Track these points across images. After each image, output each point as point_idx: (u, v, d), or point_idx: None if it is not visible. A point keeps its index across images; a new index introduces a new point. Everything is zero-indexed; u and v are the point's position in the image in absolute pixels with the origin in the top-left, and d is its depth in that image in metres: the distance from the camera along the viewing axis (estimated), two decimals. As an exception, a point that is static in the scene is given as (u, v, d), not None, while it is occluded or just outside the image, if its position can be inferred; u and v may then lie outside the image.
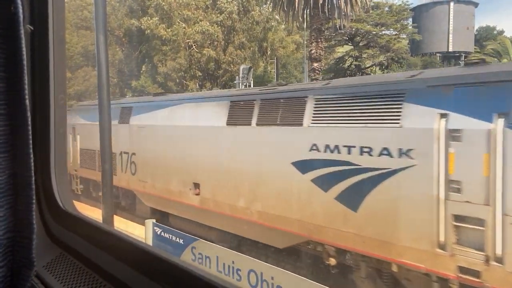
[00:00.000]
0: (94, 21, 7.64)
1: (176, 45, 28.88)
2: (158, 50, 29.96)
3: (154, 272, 1.14)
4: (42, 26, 1.47)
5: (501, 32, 54.05)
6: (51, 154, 1.56)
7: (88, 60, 32.51)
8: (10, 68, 1.04)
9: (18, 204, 1.10)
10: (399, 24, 37.25)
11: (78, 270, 1.39)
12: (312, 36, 24.47)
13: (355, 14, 26.21)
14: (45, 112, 1.52)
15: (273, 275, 5.65)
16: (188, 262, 1.11)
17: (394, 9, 36.73)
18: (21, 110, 1.05)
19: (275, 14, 29.29)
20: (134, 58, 33.33)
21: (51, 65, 1.50)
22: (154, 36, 29.24)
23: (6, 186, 1.08)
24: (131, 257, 1.24)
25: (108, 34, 14.68)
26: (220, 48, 29.97)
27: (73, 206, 1.65)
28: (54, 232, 1.60)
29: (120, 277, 1.23)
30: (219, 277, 1.01)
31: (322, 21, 24.09)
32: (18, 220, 1.11)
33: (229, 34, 30.47)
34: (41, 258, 1.46)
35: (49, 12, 1.47)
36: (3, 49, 1.02)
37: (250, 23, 30.75)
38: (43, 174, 1.56)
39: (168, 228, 8.30)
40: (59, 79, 1.55)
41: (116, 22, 32.42)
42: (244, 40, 30.35)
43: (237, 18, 29.89)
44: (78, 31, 33.39)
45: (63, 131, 1.61)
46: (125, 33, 32.90)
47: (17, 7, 0.98)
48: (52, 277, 1.39)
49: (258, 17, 30.87)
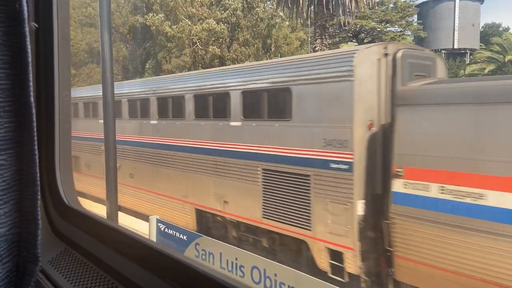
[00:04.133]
0: (98, 18, 7.66)
1: (181, 43, 28.90)
2: (163, 47, 30.00)
3: (158, 267, 1.15)
4: (47, 24, 1.48)
5: (507, 29, 53.62)
6: (56, 150, 1.57)
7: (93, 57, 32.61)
8: (15, 65, 1.04)
9: (23, 200, 1.11)
10: (404, 21, 37.07)
11: (82, 265, 1.40)
12: (316, 33, 24.39)
13: (360, 10, 26.09)
14: (50, 108, 1.53)
15: (276, 272, 5.66)
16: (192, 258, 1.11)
17: (399, 5, 36.55)
18: (26, 107, 1.05)
19: (279, 11, 29.21)
20: (138, 55, 33.39)
21: (55, 62, 1.51)
22: (159, 33, 29.28)
23: (11, 182, 1.09)
24: (135, 252, 1.25)
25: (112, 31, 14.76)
26: (225, 45, 29.98)
27: (77, 202, 1.66)
28: (59, 228, 1.61)
29: (124, 272, 1.24)
30: (223, 273, 1.01)
31: (327, 18, 24.00)
32: (23, 216, 1.12)
33: (234, 31, 30.45)
34: (46, 254, 1.47)
35: (54, 10, 1.48)
36: (8, 46, 1.03)
37: (254, 20, 30.71)
38: (48, 170, 1.57)
39: (171, 225, 8.33)
40: (64, 76, 1.55)
41: (120, 19, 32.49)
42: (248, 37, 30.32)
43: (241, 15, 29.86)
44: (82, 28, 33.49)
45: (68, 128, 1.62)
46: (129, 30, 32.96)
47: (22, 5, 0.99)
48: (57, 272, 1.40)
49: (263, 14, 30.81)
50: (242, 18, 30.09)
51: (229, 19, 29.59)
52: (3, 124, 1.04)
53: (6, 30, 1.02)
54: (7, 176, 1.07)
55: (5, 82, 1.04)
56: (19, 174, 1.10)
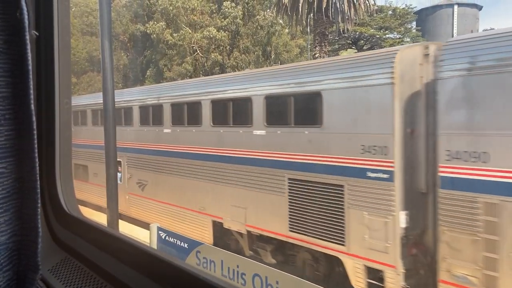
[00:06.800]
0: (99, 27, 7.70)
1: (182, 50, 29.05)
2: (163, 55, 30.15)
3: (159, 275, 1.14)
4: (48, 32, 1.49)
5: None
6: (56, 158, 1.57)
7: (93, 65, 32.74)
8: (16, 73, 1.05)
9: (23, 208, 1.11)
10: (403, 27, 37.24)
11: (83, 273, 1.39)
12: (316, 40, 24.50)
13: (359, 18, 26.22)
14: (50, 116, 1.54)
15: (278, 280, 5.63)
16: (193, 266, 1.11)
17: (398, 12, 36.73)
18: (27, 114, 1.05)
19: (279, 19, 29.38)
20: (139, 63, 33.55)
21: (56, 70, 1.52)
22: (160, 41, 29.43)
23: (11, 190, 1.08)
24: (136, 260, 1.24)
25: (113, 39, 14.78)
26: (225, 53, 30.12)
27: (78, 210, 1.65)
28: (59, 236, 1.60)
29: (125, 280, 1.23)
30: (225, 280, 1.01)
31: (326, 25, 24.13)
32: (23, 224, 1.11)
33: (234, 38, 30.61)
34: (46, 262, 1.46)
35: (54, 18, 1.49)
36: (9, 54, 1.03)
37: (254, 28, 30.88)
38: (48, 178, 1.57)
39: (172, 232, 8.30)
40: (64, 84, 1.56)
41: (121, 27, 32.70)
42: (248, 45, 30.47)
43: (241, 22, 30.04)
44: (84, 37, 33.69)
45: (68, 135, 1.62)
46: (130, 38, 33.14)
47: (22, 13, 1.00)
48: (57, 280, 1.39)
49: (263, 22, 30.99)
50: (242, 26, 30.27)
51: (229, 26, 29.75)
52: (4, 132, 1.04)
53: (6, 39, 1.02)
54: (7, 184, 1.07)
55: (6, 90, 1.04)
56: (20, 182, 1.10)
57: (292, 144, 8.96)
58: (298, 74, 9.04)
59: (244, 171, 10.08)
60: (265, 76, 10.04)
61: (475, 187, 6.34)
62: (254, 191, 9.81)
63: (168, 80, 29.27)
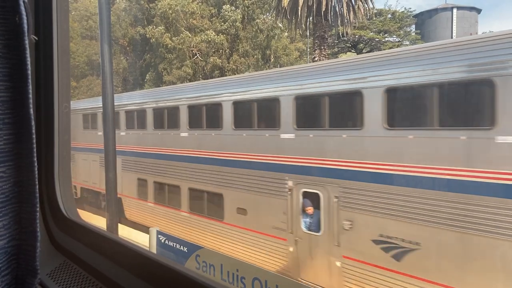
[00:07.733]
0: (99, 31, 7.72)
1: (182, 54, 29.10)
2: (163, 59, 30.20)
3: (158, 279, 1.14)
4: (47, 36, 1.49)
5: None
6: (55, 162, 1.57)
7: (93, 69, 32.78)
8: (15, 78, 1.05)
9: (22, 212, 1.11)
10: (402, 31, 37.34)
11: (81, 278, 1.39)
12: (315, 44, 24.55)
13: (358, 21, 26.29)
14: (50, 120, 1.54)
15: (278, 283, 5.61)
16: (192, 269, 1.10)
17: (397, 16, 36.84)
18: (26, 119, 1.06)
19: (279, 22, 29.44)
20: (138, 66, 33.59)
21: (55, 74, 1.52)
22: (159, 45, 29.48)
23: (10, 194, 1.08)
24: (135, 264, 1.24)
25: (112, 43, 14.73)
26: (225, 56, 30.17)
27: (76, 214, 1.65)
28: (58, 240, 1.60)
29: (124, 285, 1.22)
30: (224, 284, 1.00)
31: (325, 29, 24.19)
32: (22, 228, 1.11)
33: (233, 42, 30.67)
34: (45, 266, 1.46)
35: (54, 23, 1.49)
36: (8, 59, 1.03)
37: (254, 31, 30.95)
38: (47, 182, 1.57)
39: (172, 236, 8.28)
40: (63, 88, 1.56)
41: (120, 31, 32.76)
42: (248, 48, 30.52)
43: (240, 26, 30.10)
44: (83, 41, 33.74)
45: (67, 139, 1.62)
46: (129, 42, 33.21)
47: (22, 18, 1.00)
48: (55, 285, 1.39)
49: (262, 25, 31.07)
50: (241, 30, 30.33)
51: (228, 30, 29.81)
52: (3, 136, 1.04)
53: (6, 43, 1.02)
54: (6, 188, 1.07)
55: (5, 94, 1.04)
56: (18, 186, 1.10)
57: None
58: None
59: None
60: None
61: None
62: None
63: (167, 84, 29.31)
